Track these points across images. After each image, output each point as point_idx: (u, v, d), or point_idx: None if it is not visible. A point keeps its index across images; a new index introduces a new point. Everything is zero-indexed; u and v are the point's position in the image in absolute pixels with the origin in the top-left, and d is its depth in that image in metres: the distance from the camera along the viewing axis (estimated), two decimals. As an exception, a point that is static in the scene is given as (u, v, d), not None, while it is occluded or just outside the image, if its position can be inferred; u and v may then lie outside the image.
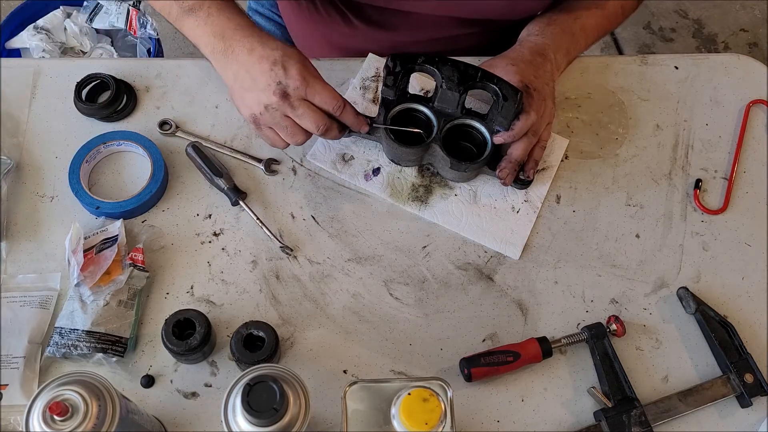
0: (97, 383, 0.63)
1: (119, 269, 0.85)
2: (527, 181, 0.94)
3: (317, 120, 0.83)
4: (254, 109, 0.83)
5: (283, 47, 0.83)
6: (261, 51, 0.82)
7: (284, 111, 0.82)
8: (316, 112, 0.83)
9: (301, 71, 0.81)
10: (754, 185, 0.99)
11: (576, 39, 0.98)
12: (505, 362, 0.83)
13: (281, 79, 0.81)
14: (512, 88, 0.86)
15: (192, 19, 0.85)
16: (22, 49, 1.73)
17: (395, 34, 1.06)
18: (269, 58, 0.81)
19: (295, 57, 0.82)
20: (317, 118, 0.83)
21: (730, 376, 0.85)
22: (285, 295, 0.88)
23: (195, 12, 0.85)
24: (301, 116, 0.83)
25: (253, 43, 0.82)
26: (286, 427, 0.63)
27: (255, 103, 0.83)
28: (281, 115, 0.83)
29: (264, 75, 0.81)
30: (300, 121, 0.83)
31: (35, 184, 0.94)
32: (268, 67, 0.81)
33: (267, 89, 0.81)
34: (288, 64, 0.81)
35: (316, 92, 0.82)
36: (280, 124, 0.84)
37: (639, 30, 2.34)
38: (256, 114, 0.84)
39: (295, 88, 0.81)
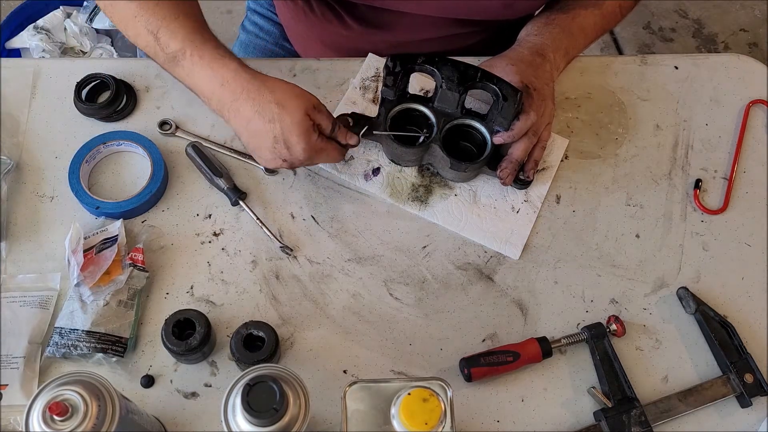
0: (97, 383, 0.63)
1: (119, 269, 0.85)
2: (527, 181, 0.94)
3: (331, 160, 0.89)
4: (270, 165, 0.87)
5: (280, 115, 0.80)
6: (258, 124, 0.81)
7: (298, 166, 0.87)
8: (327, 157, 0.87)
9: (305, 150, 0.82)
10: (754, 185, 0.99)
11: (575, 38, 0.98)
12: (505, 362, 0.83)
13: (286, 158, 0.83)
14: (512, 88, 0.86)
15: (178, 69, 0.84)
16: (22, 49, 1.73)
17: (391, 34, 1.06)
18: (269, 134, 0.81)
19: (296, 130, 0.81)
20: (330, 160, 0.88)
21: (730, 376, 0.85)
22: (285, 295, 0.88)
23: (179, 62, 0.83)
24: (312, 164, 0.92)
25: (246, 112, 0.81)
26: (286, 427, 0.63)
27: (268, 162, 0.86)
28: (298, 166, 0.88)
29: (267, 150, 0.83)
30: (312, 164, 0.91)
31: (35, 184, 0.94)
32: (270, 144, 0.82)
33: (274, 161, 0.84)
34: (290, 143, 0.82)
35: (321, 160, 0.87)
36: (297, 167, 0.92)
37: (639, 30, 2.34)
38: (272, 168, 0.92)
39: (299, 163, 0.85)
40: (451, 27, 1.06)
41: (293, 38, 1.21)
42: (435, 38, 1.07)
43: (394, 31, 1.06)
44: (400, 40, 1.07)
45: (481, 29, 1.08)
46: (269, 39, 1.25)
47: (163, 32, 0.82)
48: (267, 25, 1.25)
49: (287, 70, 1.02)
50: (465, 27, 1.06)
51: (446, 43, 1.08)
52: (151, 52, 0.85)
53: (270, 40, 1.25)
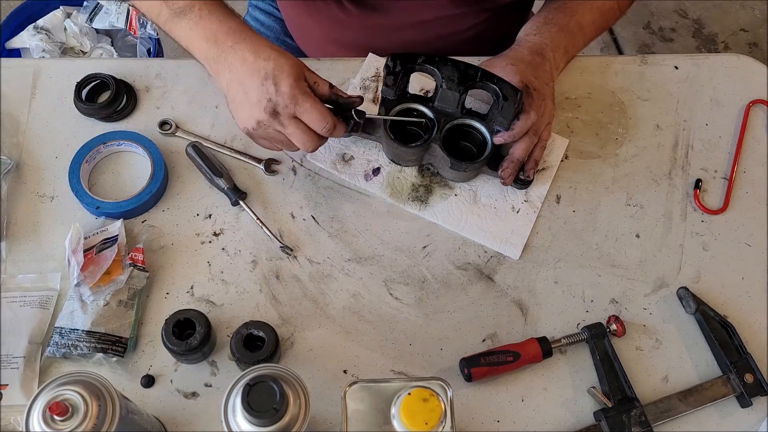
0: (97, 383, 0.63)
1: (119, 269, 0.85)
2: (527, 181, 0.94)
3: (306, 140, 0.82)
4: (247, 124, 0.82)
5: (276, 57, 0.80)
6: (253, 62, 0.80)
7: (275, 127, 0.81)
8: (306, 132, 0.82)
9: (292, 88, 0.79)
10: (754, 185, 0.99)
11: (574, 37, 0.98)
12: (505, 362, 0.83)
13: (271, 96, 0.79)
14: (512, 87, 0.86)
15: (184, 22, 0.83)
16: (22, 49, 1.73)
17: (388, 17, 1.06)
18: (261, 71, 0.79)
19: (287, 70, 0.80)
20: (306, 139, 0.82)
21: (730, 376, 0.85)
22: (285, 295, 0.88)
23: (186, 14, 0.83)
24: (291, 134, 0.82)
25: (245, 52, 0.80)
26: (286, 427, 0.63)
27: (248, 118, 0.81)
28: (274, 130, 0.82)
29: (255, 90, 0.79)
30: (291, 138, 0.82)
31: (35, 184, 0.94)
32: (260, 82, 0.79)
33: (258, 105, 0.80)
34: (279, 79, 0.79)
35: (305, 111, 0.80)
36: (274, 138, 0.84)
37: (639, 30, 2.34)
38: (249, 129, 0.83)
39: (284, 107, 0.80)
40: (448, 7, 1.05)
41: (294, 30, 1.21)
42: (432, 20, 1.06)
43: (391, 12, 1.05)
44: (398, 23, 1.07)
45: (479, 9, 1.08)
46: (270, 34, 1.25)
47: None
48: (268, 20, 1.26)
49: None
50: (461, 7, 1.06)
51: (444, 26, 1.08)
52: (155, 12, 0.85)
53: (271, 35, 1.25)
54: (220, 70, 0.82)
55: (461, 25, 1.09)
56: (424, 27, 1.07)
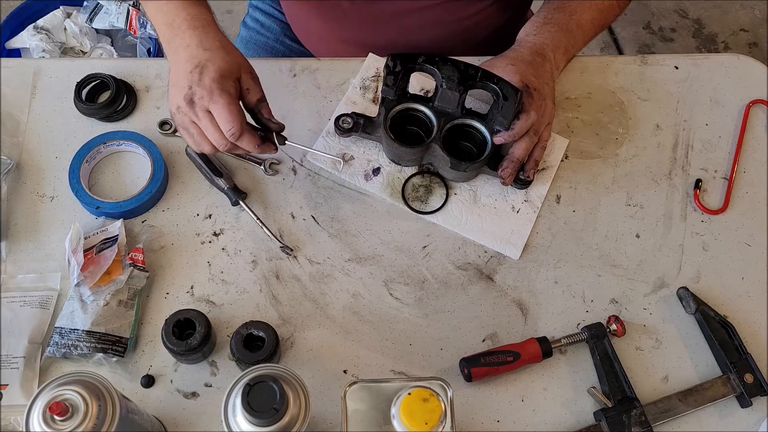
0: (97, 383, 0.63)
1: (119, 269, 0.85)
2: (527, 181, 0.94)
3: (215, 137, 0.81)
4: (171, 107, 0.82)
5: (215, 49, 0.80)
6: (193, 50, 0.80)
7: (191, 117, 0.81)
8: (215, 129, 0.81)
9: (213, 81, 0.79)
10: (754, 185, 0.99)
11: (573, 36, 0.98)
12: (505, 362, 0.83)
13: (192, 84, 0.79)
14: (512, 87, 0.86)
15: (151, 2, 0.84)
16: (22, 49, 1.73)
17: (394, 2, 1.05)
18: (195, 58, 0.80)
19: (218, 64, 0.79)
20: (215, 136, 0.81)
21: (730, 376, 0.85)
22: (285, 295, 0.88)
23: None
24: (204, 128, 0.81)
25: (192, 38, 0.81)
26: (286, 427, 0.63)
27: (172, 101, 0.82)
28: (189, 120, 0.81)
29: (183, 76, 0.80)
30: (204, 131, 0.81)
31: (35, 184, 0.94)
32: (190, 68, 0.80)
33: (181, 91, 0.80)
34: (205, 70, 0.79)
35: (216, 108, 0.79)
36: (188, 129, 0.83)
37: (639, 30, 2.34)
38: (172, 111, 0.83)
39: (200, 98, 0.79)
40: None
41: (297, 28, 1.21)
42: (434, 5, 1.06)
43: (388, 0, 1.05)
44: (403, 8, 1.06)
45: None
46: (270, 35, 1.25)
47: None
48: (268, 21, 1.26)
49: (287, 69, 1.02)
50: None
51: (446, 12, 1.07)
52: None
53: (271, 36, 1.25)
54: (169, 52, 0.83)
55: (466, 11, 1.08)
56: (429, 12, 1.07)
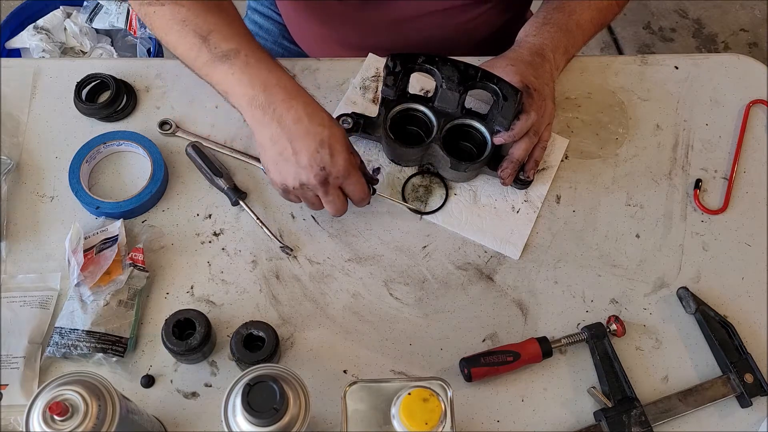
0: (97, 383, 0.63)
1: (119, 269, 0.85)
2: (527, 181, 0.94)
3: (340, 208, 0.85)
4: (288, 182, 0.82)
5: (330, 124, 0.80)
6: (308, 124, 0.79)
7: (317, 192, 0.82)
8: (343, 202, 0.84)
9: (347, 161, 0.80)
10: (754, 185, 0.99)
11: (573, 36, 0.98)
12: (505, 362, 0.83)
13: (326, 165, 0.79)
14: (512, 88, 0.86)
15: (226, 66, 0.81)
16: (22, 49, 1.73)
17: (388, 10, 1.05)
18: (317, 136, 0.79)
19: (342, 141, 0.80)
20: (341, 207, 0.85)
21: (730, 376, 0.85)
22: (285, 295, 0.88)
23: (230, 58, 0.81)
24: (328, 201, 0.84)
25: (299, 110, 0.79)
26: (286, 427, 0.63)
27: (291, 177, 0.81)
28: (313, 194, 0.83)
29: (308, 154, 0.79)
30: (326, 204, 0.84)
31: (35, 184, 0.94)
32: (315, 147, 0.79)
33: (308, 169, 0.79)
34: (335, 150, 0.79)
35: (353, 186, 0.83)
36: (308, 200, 0.85)
37: (639, 30, 2.34)
38: (289, 186, 0.82)
39: (335, 177, 0.81)
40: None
41: (294, 31, 1.21)
42: (437, 10, 1.06)
43: (392, 4, 1.04)
44: (402, 14, 1.06)
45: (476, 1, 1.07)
46: (269, 38, 1.25)
47: (215, 35, 0.82)
48: (267, 23, 1.25)
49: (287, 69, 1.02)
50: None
51: (448, 17, 1.07)
52: (192, 56, 0.83)
53: (269, 38, 1.25)
54: (266, 121, 0.80)
55: (465, 16, 1.08)
56: (429, 18, 1.07)
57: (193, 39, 0.83)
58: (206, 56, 0.82)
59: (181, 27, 0.83)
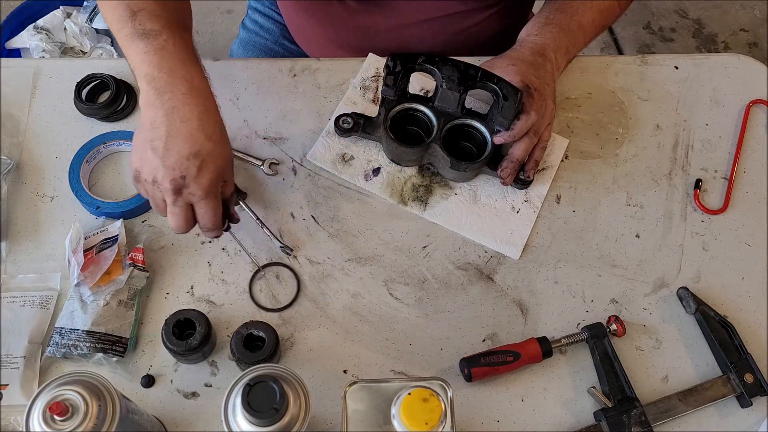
0: (97, 383, 0.63)
1: (119, 269, 0.85)
2: (527, 181, 0.94)
3: (182, 225, 0.79)
4: (144, 172, 0.77)
5: (216, 140, 0.76)
6: (194, 129, 0.74)
7: (165, 197, 0.77)
8: (187, 220, 0.78)
9: (210, 182, 0.76)
10: (754, 185, 0.99)
11: (575, 37, 0.98)
12: (505, 362, 0.83)
13: (187, 176, 0.75)
14: (512, 87, 0.86)
15: (143, 44, 0.77)
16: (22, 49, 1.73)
17: (390, 14, 1.05)
18: (195, 144, 0.74)
19: (218, 163, 0.76)
20: (183, 224, 0.79)
21: (730, 376, 0.85)
22: (285, 295, 0.88)
23: (149, 38, 0.77)
24: (172, 213, 0.78)
25: (193, 112, 0.75)
26: (286, 427, 0.63)
27: (149, 169, 0.76)
28: (161, 197, 0.78)
29: (177, 157, 0.74)
30: (169, 214, 0.78)
31: (35, 184, 0.94)
32: (187, 154, 0.74)
33: (168, 171, 0.74)
34: (205, 168, 0.75)
35: (205, 208, 0.78)
36: (154, 200, 0.80)
37: (639, 30, 2.34)
38: (143, 177, 0.77)
39: (190, 193, 0.76)
40: (452, 4, 1.05)
41: (295, 31, 1.21)
42: (436, 17, 1.06)
43: (395, 10, 1.05)
44: (402, 21, 1.06)
45: (483, 6, 1.07)
46: (269, 37, 1.25)
47: (143, 13, 0.79)
48: (267, 23, 1.25)
49: (287, 70, 1.02)
50: (466, 3, 1.05)
51: (448, 23, 1.07)
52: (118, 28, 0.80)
53: (270, 38, 1.25)
54: (155, 104, 0.75)
55: (464, 23, 1.09)
56: (428, 25, 1.07)
57: (123, 12, 0.79)
58: (129, 31, 0.78)
59: None
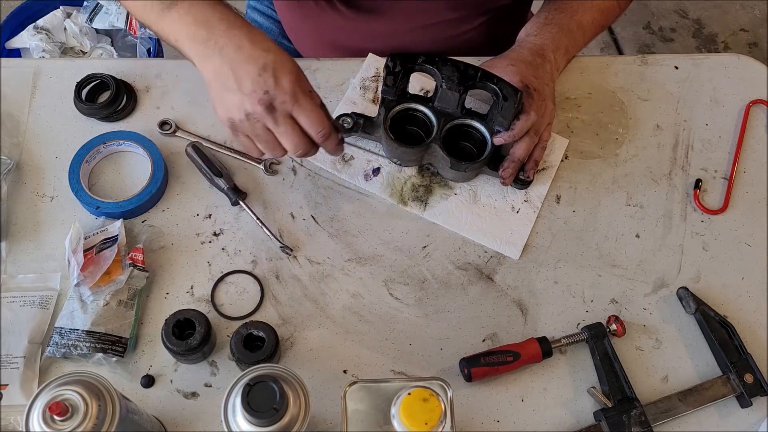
0: (97, 383, 0.63)
1: (119, 269, 0.85)
2: (527, 181, 0.94)
3: (298, 143, 0.77)
4: (233, 114, 0.76)
5: (276, 50, 0.76)
6: (250, 50, 0.74)
7: (266, 123, 0.76)
8: (299, 135, 0.77)
9: (293, 84, 0.75)
10: (754, 185, 0.99)
11: (574, 37, 0.98)
12: (505, 362, 0.83)
13: (269, 89, 0.74)
14: (512, 88, 0.86)
15: (173, 13, 0.77)
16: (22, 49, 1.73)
17: (385, 21, 1.05)
18: (259, 60, 0.74)
19: (288, 65, 0.75)
20: (298, 141, 0.77)
21: (730, 376, 0.85)
22: (285, 295, 0.88)
23: (176, 4, 0.77)
24: (282, 134, 0.77)
25: (241, 38, 0.75)
26: (286, 427, 0.63)
27: (235, 107, 0.75)
28: (262, 126, 0.76)
29: (250, 79, 0.74)
30: (280, 138, 0.77)
31: (35, 184, 0.94)
32: (257, 71, 0.74)
33: (252, 95, 0.74)
34: (280, 73, 0.74)
35: (304, 112, 0.76)
36: (260, 137, 0.78)
37: (639, 30, 2.34)
38: (235, 120, 0.76)
39: (282, 102, 0.75)
40: (446, 12, 1.05)
41: (292, 34, 1.21)
42: (431, 24, 1.06)
43: (388, 17, 1.05)
44: (395, 28, 1.06)
45: (476, 13, 1.08)
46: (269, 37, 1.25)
47: None
48: (266, 22, 1.25)
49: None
50: (459, 11, 1.06)
51: (442, 30, 1.07)
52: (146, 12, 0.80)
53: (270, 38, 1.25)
54: (208, 54, 0.75)
55: (458, 30, 1.09)
56: (422, 32, 1.07)
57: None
58: (157, 8, 0.78)
59: None
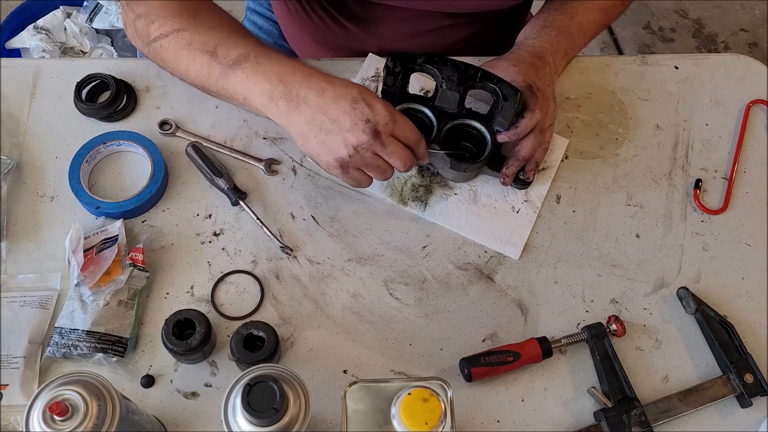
0: (97, 383, 0.63)
1: (119, 269, 0.85)
2: (527, 181, 0.94)
3: (405, 157, 0.80)
4: (341, 153, 0.77)
5: (353, 84, 0.78)
6: (333, 90, 0.77)
7: (375, 150, 0.78)
8: (405, 149, 0.80)
9: (385, 105, 0.78)
10: (754, 185, 0.99)
11: (574, 38, 0.98)
12: (505, 362, 0.83)
13: (369, 117, 0.76)
14: (512, 88, 0.86)
15: (239, 72, 0.80)
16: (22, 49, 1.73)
17: (382, 30, 1.06)
18: (346, 95, 0.77)
19: (370, 91, 0.78)
20: (405, 155, 0.80)
21: (730, 376, 0.85)
22: (285, 295, 0.88)
23: (241, 64, 0.80)
24: (391, 154, 0.79)
25: (320, 83, 0.77)
26: (286, 427, 0.63)
27: (341, 146, 0.77)
28: (372, 154, 0.78)
29: (346, 114, 0.76)
30: (390, 158, 0.79)
31: (35, 184, 0.94)
32: (349, 106, 0.76)
33: (354, 128, 0.76)
34: (370, 100, 0.77)
35: (401, 127, 0.79)
36: (371, 165, 0.79)
37: (639, 30, 2.35)
38: (344, 157, 0.78)
39: (384, 124, 0.77)
40: (441, 19, 1.05)
41: (289, 38, 1.21)
42: (426, 31, 1.06)
43: (385, 25, 1.05)
44: (392, 35, 1.07)
45: (472, 20, 1.08)
46: (268, 38, 1.25)
47: (221, 47, 0.82)
48: (266, 24, 1.25)
49: None
50: (455, 18, 1.06)
51: (438, 37, 1.07)
52: (205, 73, 0.82)
53: (269, 39, 1.25)
54: (293, 108, 0.78)
55: (454, 37, 1.09)
56: (418, 39, 1.07)
57: (201, 58, 0.82)
58: (218, 69, 0.81)
59: (188, 51, 0.83)
